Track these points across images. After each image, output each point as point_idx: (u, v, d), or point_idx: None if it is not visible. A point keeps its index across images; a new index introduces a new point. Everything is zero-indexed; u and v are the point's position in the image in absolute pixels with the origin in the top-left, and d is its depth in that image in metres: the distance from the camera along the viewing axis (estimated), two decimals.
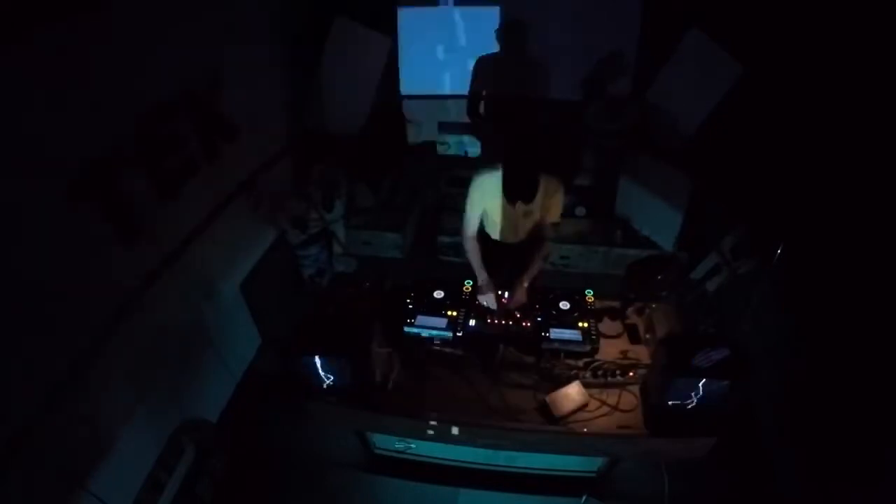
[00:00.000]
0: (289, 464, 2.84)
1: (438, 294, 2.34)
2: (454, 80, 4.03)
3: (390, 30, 3.67)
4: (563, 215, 2.47)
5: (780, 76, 2.88)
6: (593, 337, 2.16)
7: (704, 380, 1.78)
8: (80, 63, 1.78)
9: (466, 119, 3.92)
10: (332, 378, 1.98)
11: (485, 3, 3.83)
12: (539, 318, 2.23)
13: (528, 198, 2.20)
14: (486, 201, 2.39)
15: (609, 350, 2.21)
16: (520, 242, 2.57)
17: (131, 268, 2.18)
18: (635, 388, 2.08)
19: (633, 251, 3.81)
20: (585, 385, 2.04)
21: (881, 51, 2.28)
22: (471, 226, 2.44)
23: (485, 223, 2.52)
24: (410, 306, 2.28)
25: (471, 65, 3.64)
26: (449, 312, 2.25)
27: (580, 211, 4.08)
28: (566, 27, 3.72)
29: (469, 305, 2.31)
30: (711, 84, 3.23)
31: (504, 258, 2.55)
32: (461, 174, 4.14)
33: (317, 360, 1.92)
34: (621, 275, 2.56)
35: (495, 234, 2.56)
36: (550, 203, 2.36)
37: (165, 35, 2.18)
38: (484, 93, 3.72)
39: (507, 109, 3.66)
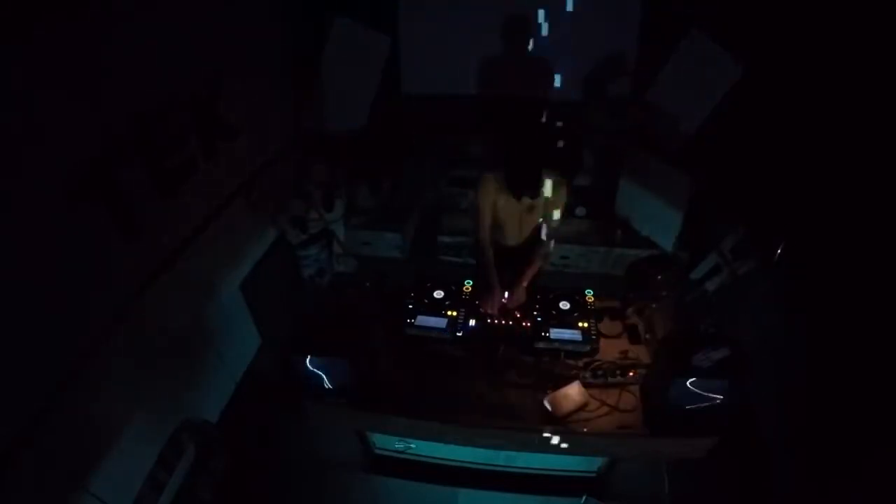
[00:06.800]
0: (289, 464, 2.85)
1: (438, 294, 2.34)
2: (457, 78, 4.01)
3: (391, 28, 3.66)
4: (563, 215, 2.47)
5: (779, 76, 2.88)
6: (593, 337, 2.17)
7: (704, 380, 1.79)
8: (80, 62, 1.78)
9: None
10: (332, 379, 1.98)
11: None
12: (539, 318, 2.23)
13: (533, 191, 2.21)
14: (491, 201, 2.39)
15: (609, 350, 2.21)
16: (521, 244, 2.58)
17: (131, 267, 2.18)
18: (635, 388, 2.08)
19: (633, 251, 3.82)
20: (585, 385, 2.04)
21: (881, 50, 2.27)
22: (484, 224, 2.44)
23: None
24: (410, 306, 2.28)
25: (474, 63, 3.63)
26: (449, 312, 2.26)
27: (580, 211, 4.08)
28: (566, 27, 3.72)
29: (469, 305, 2.31)
30: (711, 84, 3.23)
31: (506, 261, 2.55)
32: (461, 174, 4.15)
33: (317, 360, 1.92)
34: (621, 275, 2.56)
35: (499, 235, 2.57)
36: (554, 200, 2.36)
37: (166, 35, 2.17)
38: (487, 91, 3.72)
39: (511, 107, 3.66)
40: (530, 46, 3.63)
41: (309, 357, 1.92)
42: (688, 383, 1.81)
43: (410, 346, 2.22)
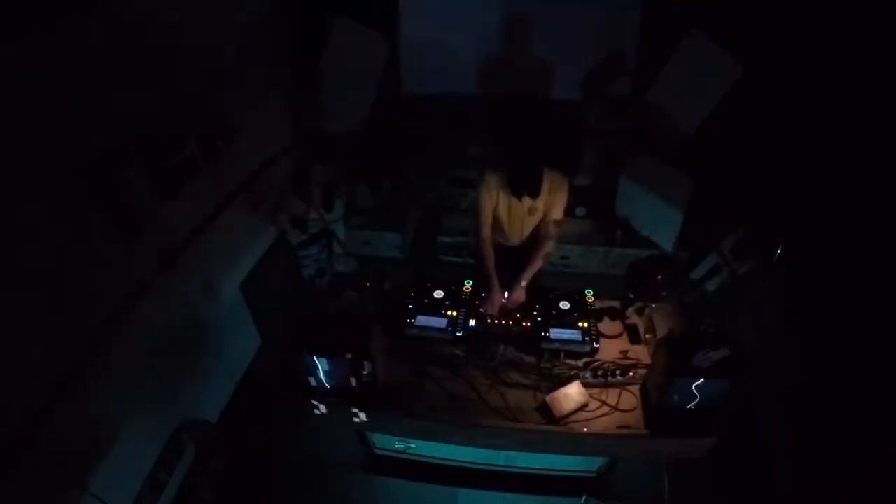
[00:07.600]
0: (289, 464, 2.85)
1: (438, 294, 2.34)
2: (457, 78, 4.01)
3: (391, 28, 3.66)
4: (563, 215, 2.47)
5: (779, 76, 2.88)
6: (593, 337, 2.17)
7: (704, 380, 1.79)
8: (80, 62, 1.78)
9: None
10: (332, 378, 1.98)
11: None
12: (539, 318, 2.23)
13: (534, 191, 2.20)
14: (493, 200, 2.39)
15: (609, 350, 2.21)
16: (521, 244, 2.57)
17: (131, 267, 2.18)
18: (635, 388, 2.08)
19: (633, 251, 3.82)
20: (585, 385, 2.04)
21: (880, 50, 2.28)
22: (485, 225, 2.44)
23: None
24: (410, 306, 2.28)
25: (475, 63, 3.63)
26: (449, 312, 2.26)
27: (580, 211, 4.08)
28: (566, 27, 3.72)
29: (469, 305, 2.31)
30: (711, 84, 3.23)
31: (507, 261, 2.54)
32: (461, 174, 4.15)
33: (317, 360, 1.92)
34: (621, 275, 2.56)
35: (500, 235, 2.57)
36: (555, 200, 2.36)
37: (166, 34, 2.18)
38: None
39: (511, 107, 3.66)
40: (531, 47, 3.63)
41: (309, 357, 1.92)
42: (687, 383, 1.81)
43: (410, 346, 2.22)
